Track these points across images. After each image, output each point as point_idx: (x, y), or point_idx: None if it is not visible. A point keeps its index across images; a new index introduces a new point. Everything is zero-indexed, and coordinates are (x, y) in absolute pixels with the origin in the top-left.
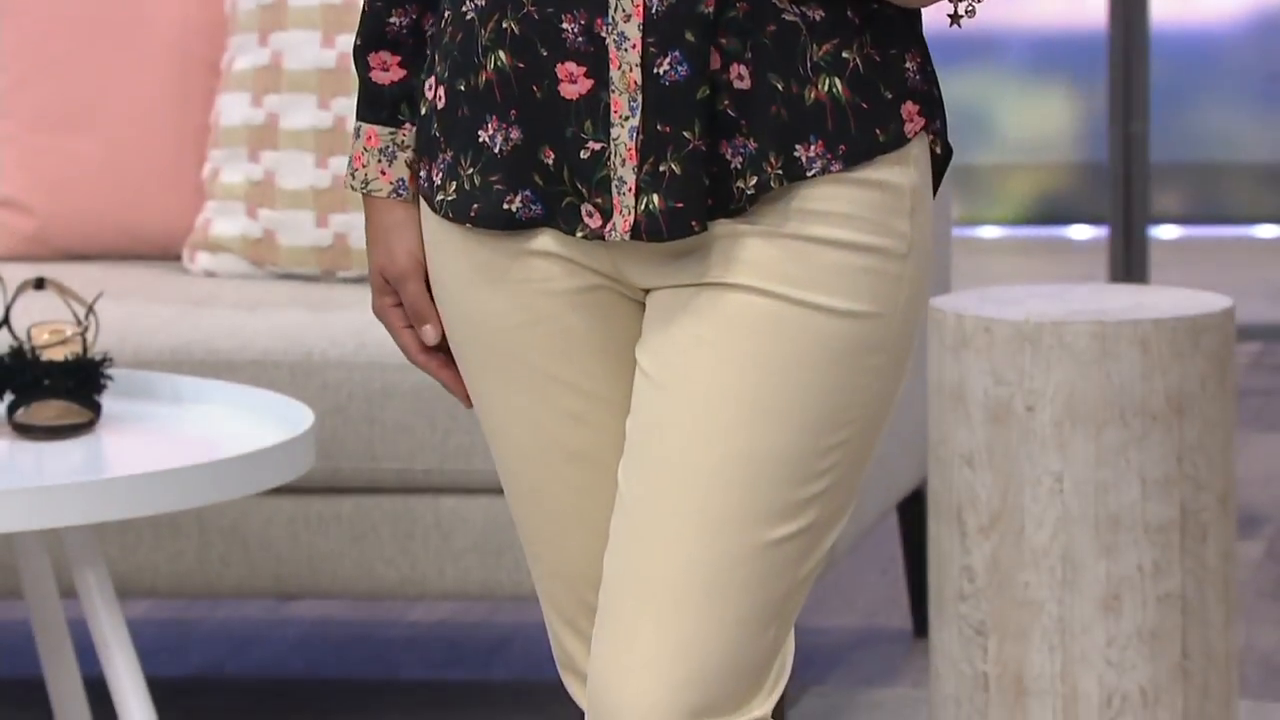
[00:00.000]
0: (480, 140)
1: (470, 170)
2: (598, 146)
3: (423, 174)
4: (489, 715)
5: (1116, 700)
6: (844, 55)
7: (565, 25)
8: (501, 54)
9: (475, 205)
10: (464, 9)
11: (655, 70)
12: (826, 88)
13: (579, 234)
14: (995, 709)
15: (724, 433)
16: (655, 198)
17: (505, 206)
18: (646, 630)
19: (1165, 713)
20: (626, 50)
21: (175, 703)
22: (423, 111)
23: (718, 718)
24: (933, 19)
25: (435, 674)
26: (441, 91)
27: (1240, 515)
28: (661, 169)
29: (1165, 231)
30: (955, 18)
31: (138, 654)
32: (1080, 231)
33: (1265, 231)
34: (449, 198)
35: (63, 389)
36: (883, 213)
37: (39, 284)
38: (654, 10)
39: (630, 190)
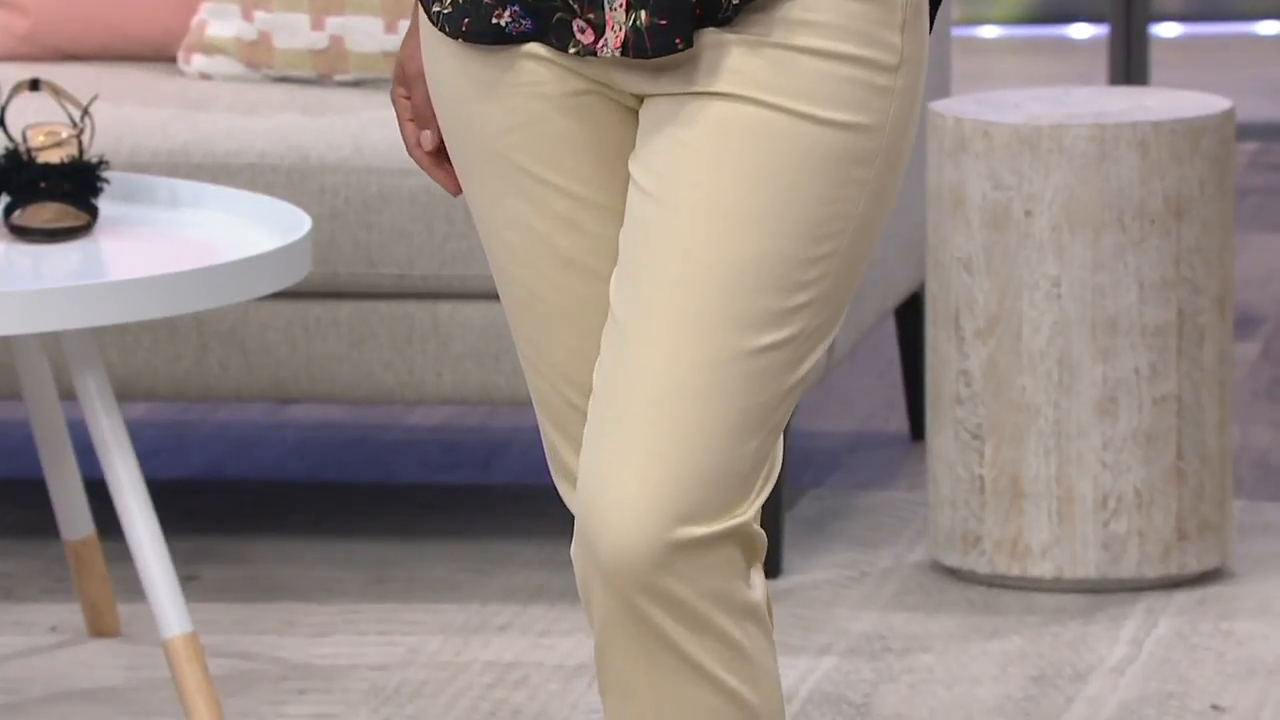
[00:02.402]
0: None
1: None
2: None
3: None
4: (486, 518)
5: (1112, 502)
6: None
7: None
8: None
9: (466, 20)
10: None
11: None
12: None
13: (571, 50)
14: (991, 512)
15: (707, 239)
16: (643, 14)
17: (494, 21)
18: (629, 436)
19: (1160, 514)
20: None
21: (174, 504)
22: None
23: (698, 523)
24: None
25: (432, 477)
26: None
27: (1237, 315)
28: None
29: (1166, 29)
30: None
31: (137, 456)
32: (1080, 30)
33: (1266, 28)
34: (444, 10)
35: (59, 191)
36: (872, 24)
37: (34, 85)
38: None
39: (622, 5)
